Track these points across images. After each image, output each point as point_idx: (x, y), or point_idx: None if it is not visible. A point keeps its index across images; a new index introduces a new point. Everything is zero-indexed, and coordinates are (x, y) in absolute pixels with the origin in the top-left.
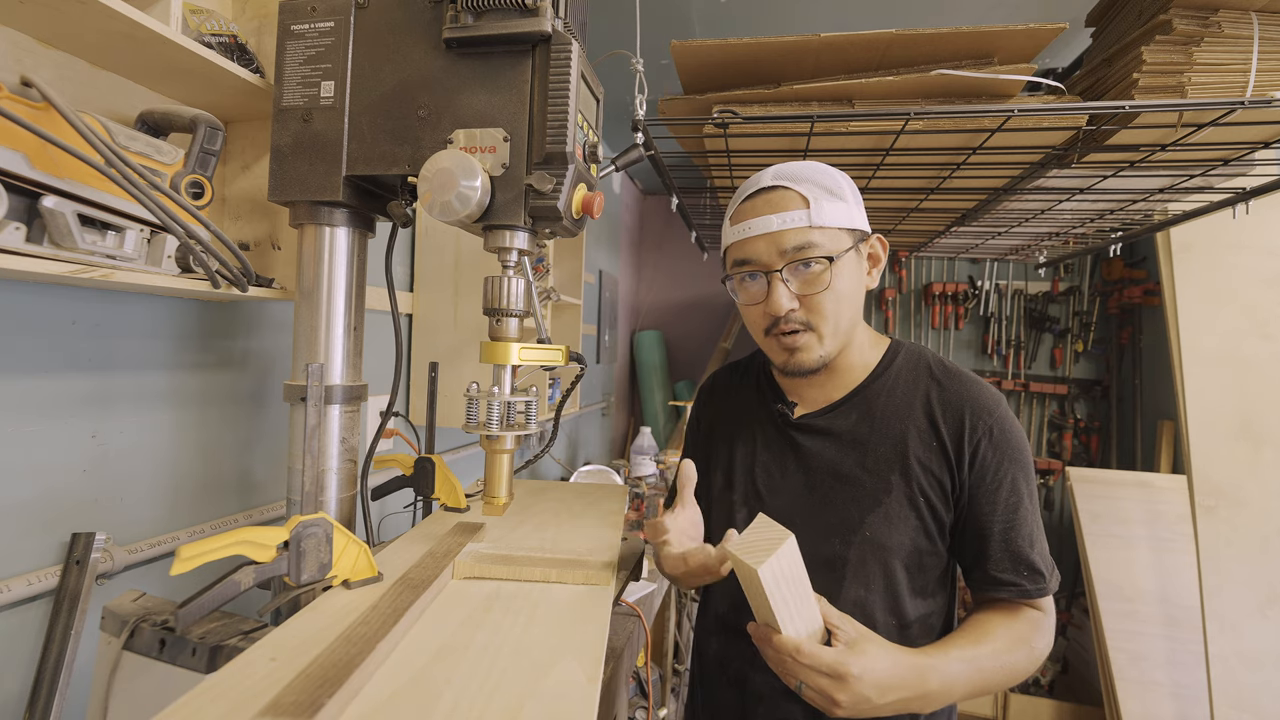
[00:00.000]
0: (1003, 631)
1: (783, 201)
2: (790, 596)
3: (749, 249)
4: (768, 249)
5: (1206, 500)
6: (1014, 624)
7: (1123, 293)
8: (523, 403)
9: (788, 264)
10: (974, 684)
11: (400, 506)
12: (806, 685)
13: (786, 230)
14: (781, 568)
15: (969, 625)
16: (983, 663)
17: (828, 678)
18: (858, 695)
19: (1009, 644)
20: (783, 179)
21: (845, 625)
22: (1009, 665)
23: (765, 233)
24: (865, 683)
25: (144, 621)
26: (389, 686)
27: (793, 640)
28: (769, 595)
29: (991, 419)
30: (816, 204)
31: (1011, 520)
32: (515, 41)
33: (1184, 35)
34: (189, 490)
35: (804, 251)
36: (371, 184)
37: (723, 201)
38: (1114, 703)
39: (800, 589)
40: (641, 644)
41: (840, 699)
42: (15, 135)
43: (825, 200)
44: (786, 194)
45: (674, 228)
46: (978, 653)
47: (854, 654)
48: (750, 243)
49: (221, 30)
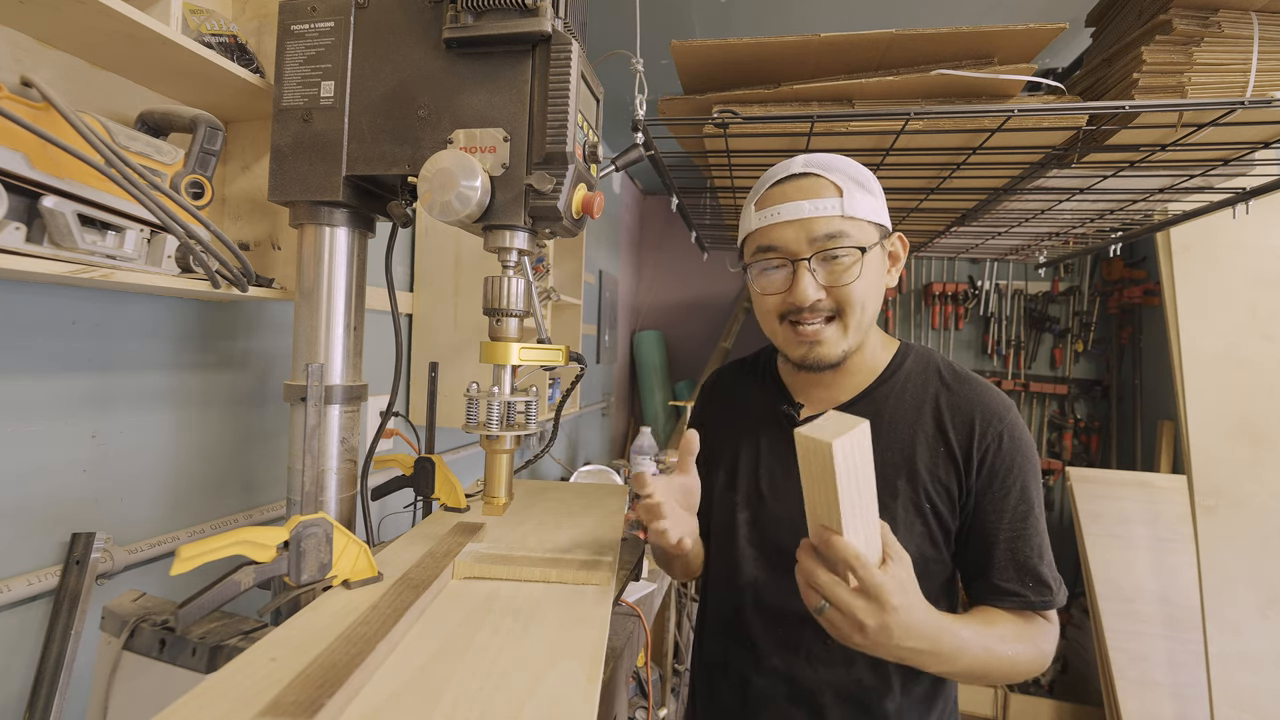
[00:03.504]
0: (1011, 624)
1: (815, 188)
2: (857, 495)
3: (775, 235)
4: (797, 236)
5: (1206, 500)
6: (1021, 622)
7: (1123, 293)
8: (523, 403)
9: (816, 253)
10: (979, 661)
11: (400, 506)
12: (834, 607)
13: (819, 218)
14: (853, 450)
15: (978, 611)
16: (991, 643)
17: (867, 601)
18: (886, 628)
19: (1020, 636)
20: (814, 166)
21: (901, 561)
22: (1017, 656)
23: (796, 219)
24: (898, 619)
25: (144, 621)
26: (389, 686)
27: (854, 547)
28: (838, 482)
29: (1002, 425)
30: (849, 194)
31: (1020, 529)
32: (515, 41)
33: (1184, 35)
34: (189, 490)
35: (835, 240)
36: (371, 184)
37: (723, 201)
38: (1114, 703)
39: (866, 491)
40: (641, 644)
41: (869, 625)
42: (15, 135)
43: (857, 191)
44: (819, 181)
45: (674, 228)
46: (988, 633)
47: (901, 589)
48: (777, 229)
49: (221, 30)
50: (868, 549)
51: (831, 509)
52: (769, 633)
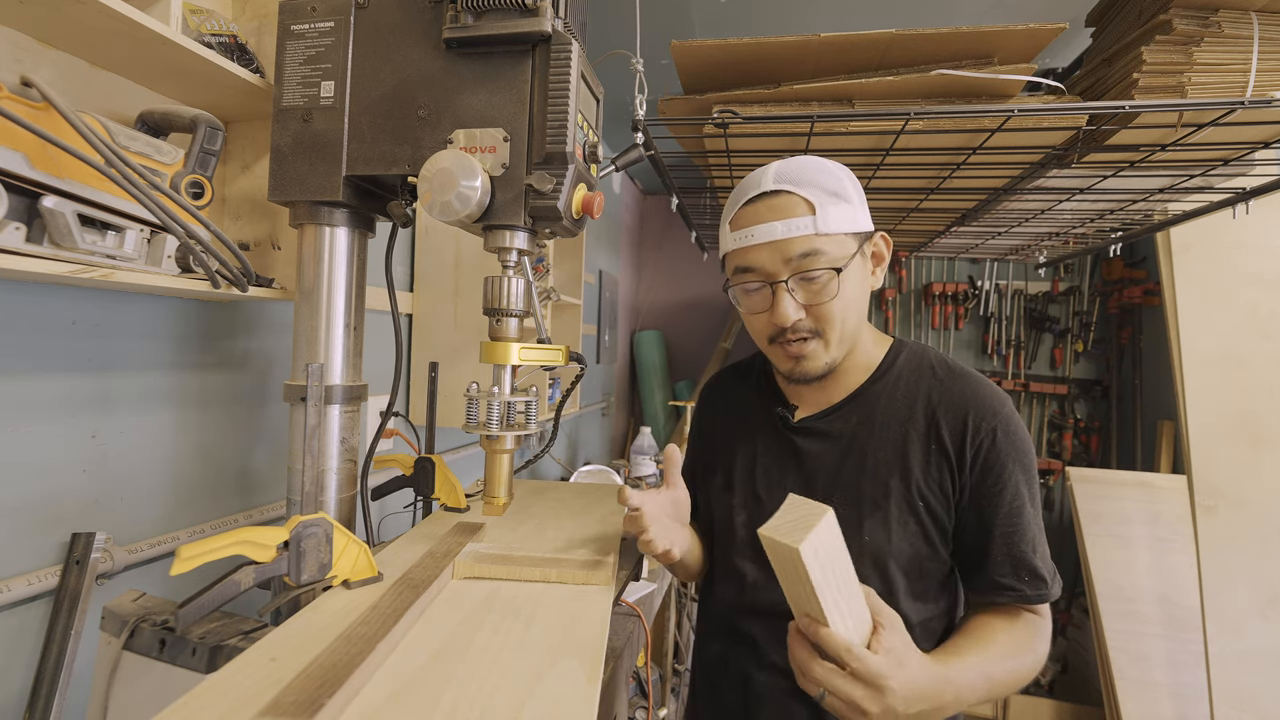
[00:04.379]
0: (1005, 637)
1: (787, 207)
2: (835, 581)
3: (751, 257)
4: (772, 258)
5: (1206, 500)
6: (1015, 628)
7: (1123, 293)
8: (523, 403)
9: (793, 274)
10: (982, 693)
11: (400, 506)
12: (834, 694)
13: (792, 239)
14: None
15: (972, 629)
16: (992, 670)
17: (866, 688)
18: (888, 709)
19: (1014, 649)
20: (784, 182)
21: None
22: (1015, 671)
23: (769, 240)
24: (899, 696)
25: (144, 621)
26: (389, 686)
27: (844, 639)
28: (812, 578)
29: (996, 420)
30: (822, 210)
31: (1014, 524)
32: (515, 41)
33: (1184, 35)
34: (189, 490)
35: (810, 260)
36: (371, 184)
37: (723, 201)
38: (1114, 703)
39: (844, 574)
40: (641, 644)
41: (873, 712)
42: (15, 135)
43: (830, 204)
44: (790, 199)
45: (674, 228)
46: (987, 657)
47: (898, 664)
48: (752, 251)
49: (221, 30)
50: (855, 629)
51: (811, 601)
52: (769, 631)
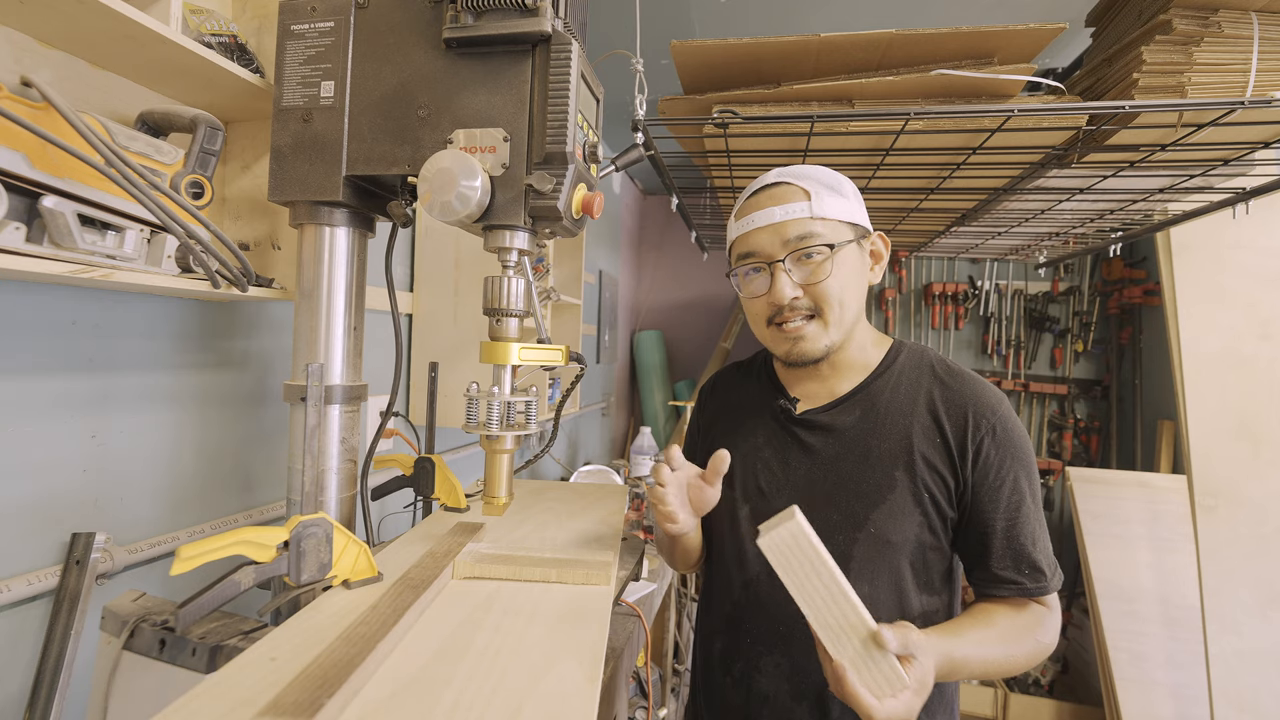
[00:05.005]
0: (1007, 622)
1: (785, 195)
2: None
3: (752, 241)
4: (770, 240)
5: (1206, 500)
6: (1018, 615)
7: (1123, 293)
8: (523, 403)
9: (790, 254)
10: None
11: (400, 506)
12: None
13: (789, 221)
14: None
15: (975, 611)
16: (988, 650)
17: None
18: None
19: (1014, 632)
20: (786, 176)
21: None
22: (1013, 655)
23: (768, 224)
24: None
25: (144, 621)
26: (389, 686)
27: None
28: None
29: (994, 418)
30: (818, 196)
31: (1014, 518)
32: (515, 41)
33: (1184, 35)
34: (189, 490)
35: (806, 241)
36: (371, 184)
37: (722, 201)
38: (1114, 703)
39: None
40: (641, 644)
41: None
42: (15, 135)
43: (826, 194)
44: (788, 188)
45: (674, 228)
46: (985, 636)
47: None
48: (753, 235)
49: (221, 30)
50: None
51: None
52: (771, 629)
